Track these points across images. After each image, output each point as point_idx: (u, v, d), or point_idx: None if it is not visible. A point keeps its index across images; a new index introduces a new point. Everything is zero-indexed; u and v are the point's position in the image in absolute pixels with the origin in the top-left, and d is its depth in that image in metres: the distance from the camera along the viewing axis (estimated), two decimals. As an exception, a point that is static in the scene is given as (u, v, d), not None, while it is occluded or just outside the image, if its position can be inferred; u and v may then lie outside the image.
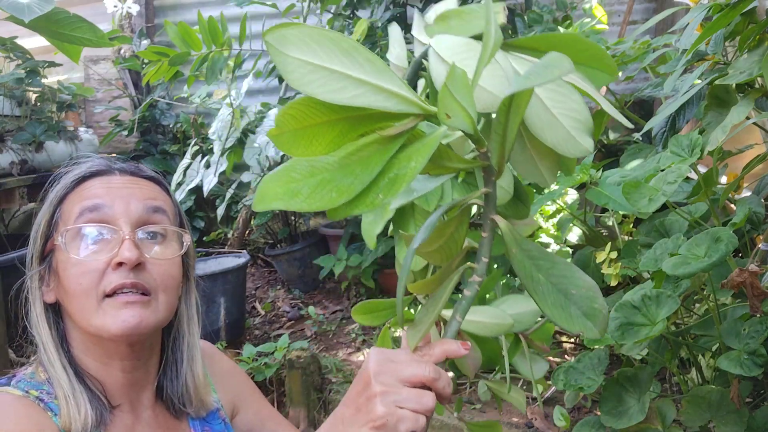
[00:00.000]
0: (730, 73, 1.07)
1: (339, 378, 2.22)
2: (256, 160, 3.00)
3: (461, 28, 0.57)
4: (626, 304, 1.05)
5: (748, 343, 0.96)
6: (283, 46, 0.45)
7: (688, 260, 0.99)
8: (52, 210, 0.90)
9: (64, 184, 0.91)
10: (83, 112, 4.02)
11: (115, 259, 0.83)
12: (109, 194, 0.88)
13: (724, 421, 1.04)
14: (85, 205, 0.87)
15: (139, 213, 0.88)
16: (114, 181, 0.91)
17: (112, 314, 0.83)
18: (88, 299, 0.83)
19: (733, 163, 1.47)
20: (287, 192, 0.49)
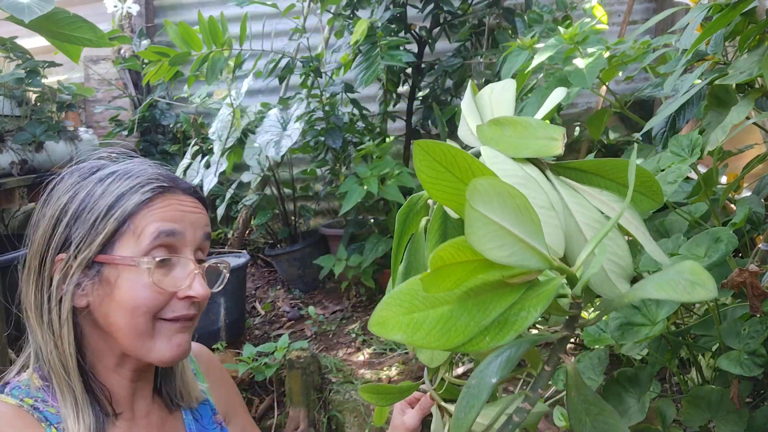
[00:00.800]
0: (730, 73, 1.07)
1: (339, 378, 2.22)
2: (256, 160, 3.00)
3: (515, 142, 0.58)
4: (626, 305, 1.05)
5: (748, 343, 0.96)
6: (473, 198, 0.44)
7: (688, 260, 0.98)
8: (122, 221, 0.85)
9: (135, 199, 0.86)
10: (83, 112, 4.02)
11: (189, 292, 0.86)
12: (183, 220, 0.89)
13: (724, 420, 1.04)
14: (162, 229, 0.86)
15: (199, 241, 0.91)
16: (184, 204, 0.91)
17: (167, 340, 0.86)
18: (146, 321, 0.84)
19: (733, 163, 1.47)
20: (410, 323, 0.50)
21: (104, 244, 0.85)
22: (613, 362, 1.84)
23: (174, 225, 0.87)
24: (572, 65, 1.40)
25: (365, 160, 2.81)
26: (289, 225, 3.37)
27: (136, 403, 0.93)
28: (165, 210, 0.88)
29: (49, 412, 0.82)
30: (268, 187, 3.32)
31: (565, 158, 1.88)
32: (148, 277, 0.84)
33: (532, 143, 0.57)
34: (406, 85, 3.17)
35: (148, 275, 0.84)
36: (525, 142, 0.58)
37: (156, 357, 0.85)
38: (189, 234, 0.89)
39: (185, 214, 0.89)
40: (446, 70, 2.98)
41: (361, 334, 2.61)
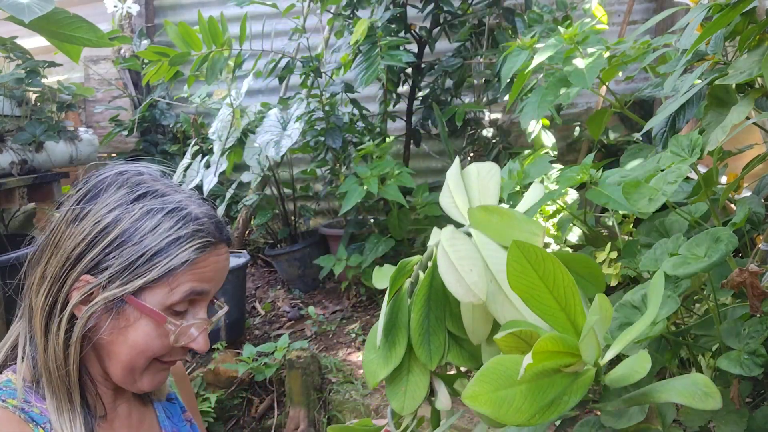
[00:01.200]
0: (730, 73, 1.07)
1: (339, 378, 2.22)
2: (256, 160, 3.00)
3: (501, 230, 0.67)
4: (626, 305, 1.05)
5: (748, 343, 0.96)
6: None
7: (688, 260, 0.98)
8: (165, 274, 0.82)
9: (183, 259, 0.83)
10: (83, 112, 4.02)
11: (192, 345, 0.87)
12: (215, 279, 0.89)
13: (724, 421, 1.04)
14: (196, 289, 0.85)
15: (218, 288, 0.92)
16: (222, 259, 0.89)
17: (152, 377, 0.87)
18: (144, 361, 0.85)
19: (733, 163, 1.47)
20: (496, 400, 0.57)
21: (140, 288, 0.82)
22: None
23: (207, 285, 0.87)
24: (572, 65, 1.40)
25: (365, 160, 2.81)
26: (289, 225, 3.37)
27: (119, 406, 0.94)
28: (205, 270, 0.87)
29: (33, 412, 0.82)
30: (268, 187, 3.32)
31: (566, 158, 1.90)
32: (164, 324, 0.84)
33: (517, 234, 0.65)
34: (406, 85, 3.17)
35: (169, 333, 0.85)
36: (510, 231, 0.66)
37: (137, 388, 0.87)
38: (214, 289, 0.90)
39: (219, 271, 0.89)
40: (446, 70, 2.98)
41: (361, 333, 2.61)
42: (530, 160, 1.78)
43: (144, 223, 0.82)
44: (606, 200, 1.46)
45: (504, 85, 2.14)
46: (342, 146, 2.83)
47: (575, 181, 1.55)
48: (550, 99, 1.41)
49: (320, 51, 3.04)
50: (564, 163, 2.96)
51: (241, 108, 2.92)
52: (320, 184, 3.57)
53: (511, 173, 1.73)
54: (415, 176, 2.77)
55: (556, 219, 2.41)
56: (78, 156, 2.95)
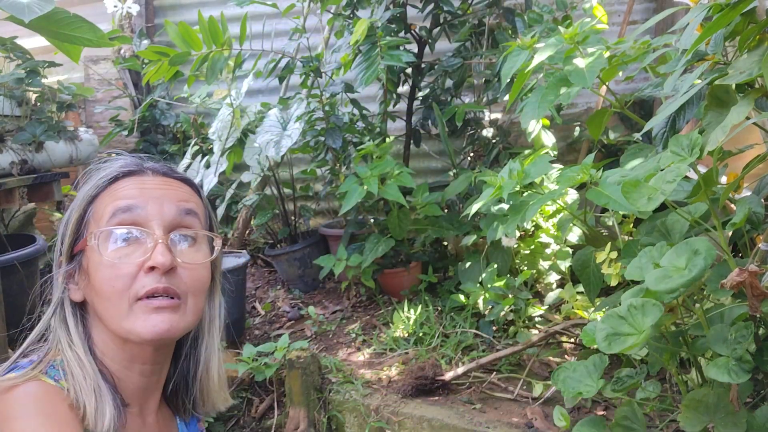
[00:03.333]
0: (730, 73, 1.07)
1: (339, 378, 2.22)
2: (256, 160, 3.00)
3: None
4: (613, 315, 1.06)
5: (736, 348, 0.96)
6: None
7: (670, 274, 0.99)
8: (83, 209, 0.89)
9: (95, 183, 0.90)
10: (83, 112, 4.02)
11: (148, 263, 0.83)
12: (142, 195, 0.87)
13: (723, 423, 1.04)
14: (118, 206, 0.86)
15: (172, 215, 0.88)
16: (147, 182, 0.89)
17: (143, 318, 0.83)
18: (120, 302, 0.83)
19: (733, 162, 1.47)
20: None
21: (75, 234, 0.88)
22: (613, 361, 1.84)
23: (130, 200, 0.86)
24: (572, 65, 1.40)
25: (365, 160, 2.81)
26: (289, 225, 3.37)
27: (146, 398, 0.92)
28: (122, 190, 0.88)
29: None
30: (268, 187, 3.32)
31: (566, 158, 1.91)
32: (106, 255, 0.83)
33: None
34: (406, 85, 3.17)
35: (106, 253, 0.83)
36: None
37: (137, 339, 0.84)
38: (152, 208, 0.87)
39: (145, 190, 0.88)
40: (446, 70, 2.98)
41: (361, 334, 2.61)
42: (530, 160, 1.78)
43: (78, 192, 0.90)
44: (606, 200, 1.46)
45: (504, 85, 2.14)
46: (342, 146, 2.83)
47: (575, 181, 1.55)
48: (550, 99, 1.41)
49: (320, 51, 3.03)
50: (564, 163, 2.96)
51: (241, 108, 2.92)
52: (320, 184, 3.57)
53: (511, 173, 1.73)
54: (415, 176, 2.76)
55: (556, 219, 2.41)
56: (78, 156, 2.95)
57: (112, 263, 0.83)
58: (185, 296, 0.87)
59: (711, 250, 0.96)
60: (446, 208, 2.99)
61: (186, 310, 0.87)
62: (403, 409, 1.99)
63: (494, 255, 2.49)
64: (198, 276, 0.89)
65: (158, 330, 0.83)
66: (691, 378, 1.34)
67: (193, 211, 0.91)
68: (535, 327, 2.36)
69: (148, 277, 0.83)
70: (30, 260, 2.75)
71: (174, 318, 0.85)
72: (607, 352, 1.03)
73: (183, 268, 0.87)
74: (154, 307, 0.83)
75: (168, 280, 0.84)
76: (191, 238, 0.90)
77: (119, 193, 0.87)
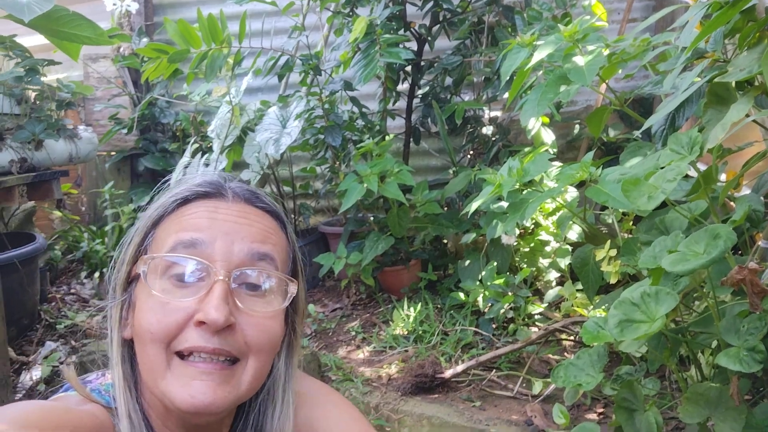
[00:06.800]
0: (730, 71, 1.07)
1: (339, 376, 2.23)
2: (256, 158, 3.00)
3: None
4: (625, 302, 1.05)
5: (747, 339, 0.96)
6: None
7: (687, 257, 0.99)
8: (145, 232, 0.75)
9: (162, 203, 0.75)
10: (82, 110, 4.01)
11: (198, 315, 0.66)
12: (211, 228, 0.71)
13: (722, 417, 1.04)
14: (181, 239, 0.70)
15: (241, 258, 0.71)
16: (221, 210, 0.74)
17: (182, 383, 0.66)
18: (158, 354, 0.67)
19: (732, 160, 1.47)
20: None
21: (133, 259, 0.74)
22: (612, 360, 1.84)
23: (196, 234, 0.71)
24: (572, 63, 1.40)
25: (365, 158, 2.81)
26: (289, 223, 3.37)
27: None
28: (191, 217, 0.73)
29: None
30: (267, 185, 3.32)
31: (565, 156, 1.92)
32: (154, 289, 0.69)
33: None
34: (405, 83, 3.16)
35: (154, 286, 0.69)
36: None
37: (171, 403, 0.67)
38: (220, 246, 0.70)
39: (217, 221, 0.72)
40: (446, 68, 2.98)
41: (361, 331, 2.61)
42: (530, 158, 1.78)
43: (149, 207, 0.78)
44: (605, 198, 1.46)
45: (504, 83, 2.14)
46: (341, 144, 2.83)
47: (575, 179, 1.55)
48: (549, 96, 1.41)
49: (320, 49, 3.03)
50: (564, 160, 2.96)
51: (240, 106, 2.92)
52: (320, 182, 3.57)
53: (510, 171, 1.73)
54: (414, 174, 2.77)
55: (556, 217, 2.42)
56: (77, 154, 2.95)
57: (158, 302, 0.68)
58: (245, 358, 0.70)
59: (732, 234, 0.95)
60: (446, 206, 3.00)
61: (242, 377, 0.70)
62: (402, 407, 1.99)
63: (494, 253, 2.49)
64: (264, 331, 0.71)
65: (197, 402, 0.66)
66: (690, 375, 1.34)
67: (269, 255, 0.74)
68: (534, 325, 2.37)
69: (195, 332, 0.67)
70: (30, 258, 2.75)
71: (222, 389, 0.67)
72: (619, 339, 1.02)
73: (246, 321, 0.70)
74: (198, 372, 0.66)
75: (222, 339, 0.67)
76: (261, 287, 0.73)
77: (186, 222, 0.72)
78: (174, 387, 0.66)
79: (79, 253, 3.81)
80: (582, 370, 1.28)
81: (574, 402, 1.80)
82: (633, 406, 1.18)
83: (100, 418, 0.70)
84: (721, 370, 1.18)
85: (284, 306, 0.75)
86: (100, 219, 4.16)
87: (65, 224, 4.07)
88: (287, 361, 0.81)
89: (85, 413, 0.68)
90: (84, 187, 4.26)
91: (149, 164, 3.79)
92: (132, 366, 0.74)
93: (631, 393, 1.19)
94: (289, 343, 0.81)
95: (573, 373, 1.28)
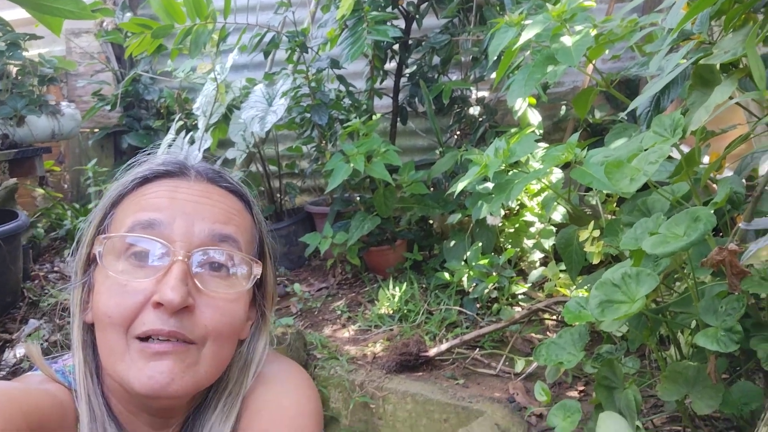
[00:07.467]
0: (715, 53, 1.08)
1: (324, 354, 2.24)
2: (241, 136, 2.98)
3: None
4: (606, 283, 1.06)
5: (725, 320, 0.98)
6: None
7: (668, 239, 1.00)
8: (104, 212, 0.74)
9: (123, 182, 0.74)
10: (65, 86, 3.95)
11: (155, 296, 0.65)
12: (171, 207, 0.70)
13: (700, 395, 1.07)
14: (139, 219, 0.69)
15: (202, 239, 0.70)
16: (182, 189, 0.72)
17: (139, 366, 0.65)
18: (117, 338, 0.66)
19: (715, 143, 1.48)
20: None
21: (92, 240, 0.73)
22: (594, 339, 1.86)
23: (154, 214, 0.69)
24: (559, 43, 1.39)
25: (351, 137, 2.80)
26: (274, 202, 3.36)
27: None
28: (150, 197, 0.71)
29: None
30: (253, 164, 3.30)
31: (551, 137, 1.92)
32: (111, 270, 0.67)
33: None
34: (393, 62, 3.14)
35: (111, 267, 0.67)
36: None
37: (130, 387, 0.66)
38: (179, 226, 0.69)
39: (176, 201, 0.70)
40: (433, 47, 2.96)
41: (347, 311, 2.62)
42: (516, 139, 1.78)
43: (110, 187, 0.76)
44: (590, 180, 1.47)
45: (491, 63, 2.13)
46: (328, 123, 2.81)
47: (560, 161, 1.56)
48: (537, 77, 1.41)
49: (306, 25, 3.00)
50: (550, 141, 2.96)
51: (225, 83, 2.89)
52: (306, 161, 3.55)
53: (497, 151, 1.73)
54: (401, 154, 2.76)
55: (541, 198, 2.43)
56: (60, 131, 2.91)
57: (116, 284, 0.67)
58: (202, 341, 0.68)
59: (711, 217, 0.96)
60: (432, 187, 3.00)
61: (199, 360, 0.68)
62: (387, 385, 2.01)
63: (479, 233, 2.50)
64: (225, 313, 0.70)
65: (155, 384, 0.64)
66: (669, 354, 1.36)
67: (232, 237, 0.72)
68: (518, 304, 2.39)
69: (153, 314, 0.65)
70: (12, 236, 2.72)
71: (178, 370, 0.65)
72: (600, 319, 1.04)
73: (206, 303, 0.68)
74: (154, 352, 0.65)
75: (179, 321, 0.66)
76: (224, 267, 0.71)
77: (145, 201, 0.71)
78: (132, 371, 0.65)
79: (63, 231, 3.77)
80: (564, 348, 1.29)
81: (555, 380, 1.83)
82: (613, 384, 1.20)
83: (60, 398, 0.70)
84: (700, 350, 1.20)
85: (248, 287, 0.74)
86: (83, 197, 4.12)
87: (48, 202, 4.03)
88: (250, 346, 0.79)
89: (45, 393, 0.68)
90: (67, 165, 4.21)
91: (133, 141, 3.75)
92: (94, 350, 0.73)
93: (611, 371, 1.21)
94: (258, 327, 0.80)
95: (555, 351, 1.30)
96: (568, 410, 1.28)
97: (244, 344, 0.79)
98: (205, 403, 0.76)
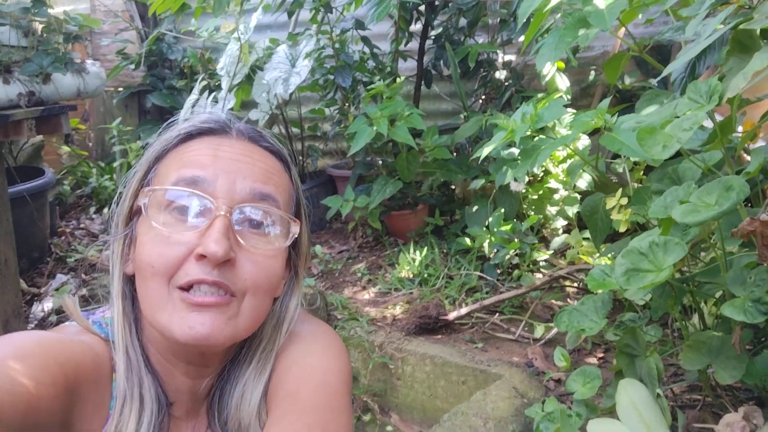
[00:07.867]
0: (755, 18, 1.04)
1: (344, 315, 2.27)
2: (265, 97, 2.97)
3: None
4: (633, 251, 1.05)
5: (753, 290, 0.97)
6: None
7: (698, 208, 0.98)
8: (148, 166, 0.76)
9: (165, 138, 0.76)
10: (90, 44, 3.96)
11: (198, 249, 0.67)
12: (214, 166, 0.71)
13: (723, 365, 1.06)
14: (183, 176, 0.71)
15: (243, 196, 0.72)
16: (224, 148, 0.74)
17: (180, 316, 0.67)
18: (159, 288, 0.68)
19: (751, 111, 1.45)
20: None
21: (135, 193, 0.75)
22: (616, 307, 1.86)
23: (198, 171, 0.71)
24: (592, 5, 1.36)
25: (375, 100, 2.78)
26: (297, 165, 3.37)
27: (193, 403, 0.79)
28: (193, 154, 0.73)
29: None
30: (276, 125, 3.30)
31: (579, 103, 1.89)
32: (155, 222, 0.69)
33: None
34: (418, 23, 3.09)
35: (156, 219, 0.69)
36: None
37: (170, 335, 0.68)
38: (222, 184, 0.71)
39: (219, 159, 0.72)
40: (460, 8, 2.90)
41: (367, 273, 2.65)
42: (543, 104, 1.76)
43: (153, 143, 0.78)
44: (620, 146, 1.45)
45: (520, 26, 2.09)
46: (351, 85, 2.79)
47: (589, 126, 1.53)
48: (567, 40, 1.38)
49: (331, -15, 2.95)
50: (577, 108, 2.91)
51: (249, 43, 2.87)
52: (329, 124, 3.54)
53: (524, 116, 1.71)
54: (425, 118, 2.74)
55: (566, 164, 2.40)
56: (85, 89, 2.92)
57: (159, 235, 0.69)
58: (242, 294, 0.70)
59: (745, 186, 0.95)
60: (455, 152, 2.98)
61: (238, 313, 0.70)
62: (406, 346, 2.04)
63: (502, 199, 2.49)
64: (264, 269, 0.72)
65: (195, 334, 0.67)
66: (693, 324, 1.36)
67: (271, 196, 0.74)
68: (539, 271, 2.39)
69: (196, 266, 0.67)
70: (39, 192, 2.77)
71: (219, 321, 0.68)
72: (624, 287, 1.03)
73: (245, 258, 0.70)
74: (195, 303, 0.67)
75: (221, 273, 0.68)
76: (264, 224, 0.73)
77: (188, 157, 0.73)
78: (174, 319, 0.67)
79: (88, 189, 3.83)
80: (586, 315, 1.30)
81: (575, 346, 1.84)
82: (635, 352, 1.20)
83: (97, 349, 0.73)
84: (724, 320, 1.19)
85: (286, 245, 0.76)
86: (108, 155, 4.16)
87: (73, 159, 4.08)
88: (282, 303, 0.81)
89: (82, 344, 0.71)
90: (91, 123, 4.24)
91: (157, 101, 3.76)
92: (133, 302, 0.76)
93: (633, 339, 1.21)
94: (291, 286, 0.82)
95: (577, 318, 1.30)
96: (588, 376, 1.29)
97: (277, 302, 0.80)
98: (240, 358, 0.79)
